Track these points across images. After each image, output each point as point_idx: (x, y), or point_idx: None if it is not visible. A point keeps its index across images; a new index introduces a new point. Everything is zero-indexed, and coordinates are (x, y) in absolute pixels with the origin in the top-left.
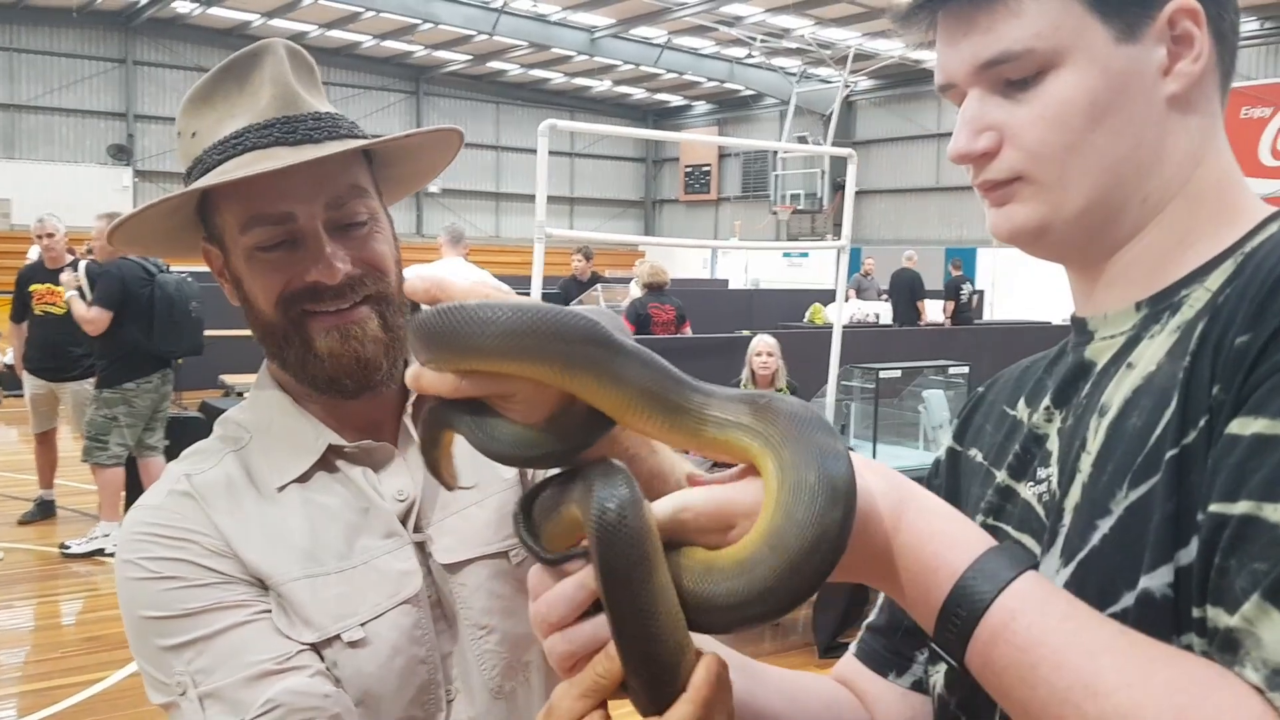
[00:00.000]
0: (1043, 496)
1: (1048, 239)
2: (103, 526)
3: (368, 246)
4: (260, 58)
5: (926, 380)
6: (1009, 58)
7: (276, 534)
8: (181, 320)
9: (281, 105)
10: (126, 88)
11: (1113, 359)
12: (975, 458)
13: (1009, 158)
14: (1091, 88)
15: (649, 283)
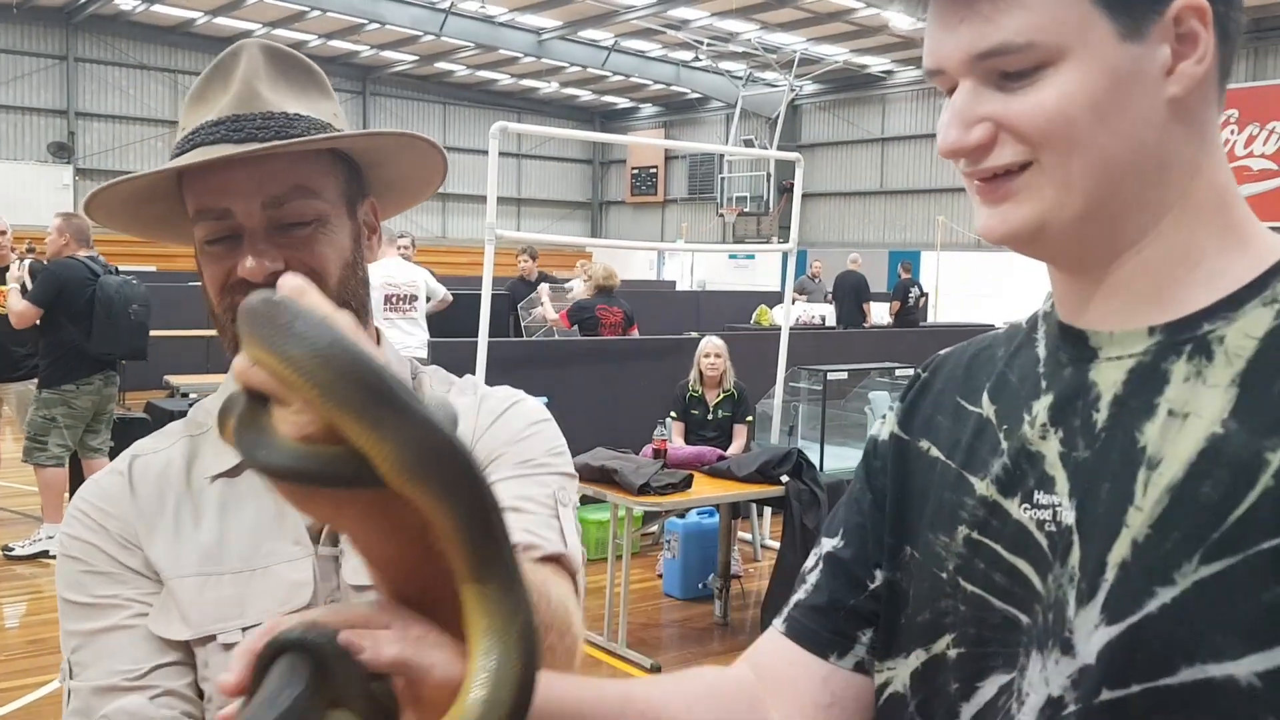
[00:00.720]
0: (1044, 525)
1: (1043, 242)
2: (46, 529)
3: (306, 248)
4: (237, 57)
5: (873, 382)
6: (1008, 50)
7: (188, 527)
8: (120, 322)
9: (238, 104)
10: (67, 85)
11: (1129, 388)
12: (929, 451)
13: (1006, 150)
14: (1093, 86)
15: (601, 284)
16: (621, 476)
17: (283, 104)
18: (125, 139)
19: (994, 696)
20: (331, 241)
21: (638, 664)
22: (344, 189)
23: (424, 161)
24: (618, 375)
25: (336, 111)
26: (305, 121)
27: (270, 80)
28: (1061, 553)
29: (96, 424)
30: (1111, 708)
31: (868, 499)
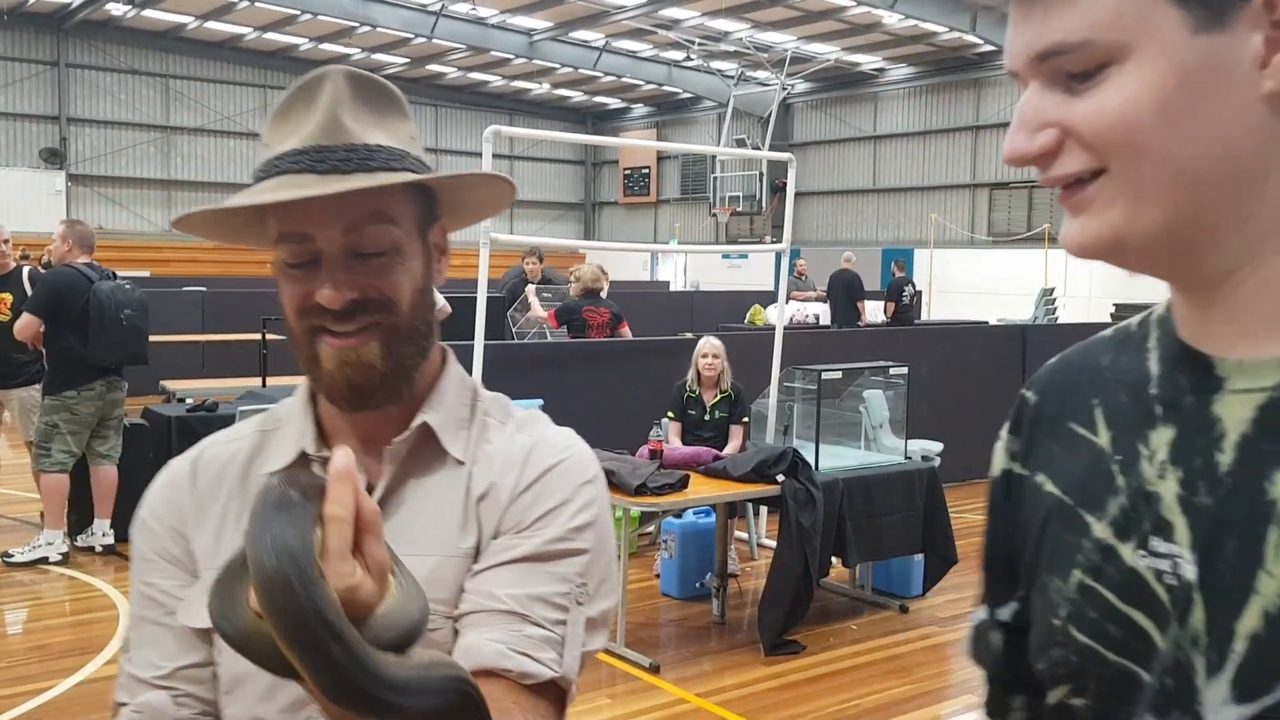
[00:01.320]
0: (1163, 576)
1: (1128, 257)
2: (46, 535)
3: (381, 275)
4: (322, 83)
5: (867, 381)
6: (1064, 50)
7: (231, 522)
8: (112, 327)
9: (322, 134)
10: (59, 90)
11: (1260, 428)
12: (1044, 486)
13: (1073, 157)
14: (1160, 86)
15: (588, 287)
16: (618, 478)
17: (364, 133)
18: (117, 144)
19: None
20: (405, 269)
21: (636, 663)
22: (418, 216)
23: (494, 190)
24: (613, 377)
25: (413, 134)
26: (385, 153)
27: (353, 108)
28: (1182, 610)
29: (104, 430)
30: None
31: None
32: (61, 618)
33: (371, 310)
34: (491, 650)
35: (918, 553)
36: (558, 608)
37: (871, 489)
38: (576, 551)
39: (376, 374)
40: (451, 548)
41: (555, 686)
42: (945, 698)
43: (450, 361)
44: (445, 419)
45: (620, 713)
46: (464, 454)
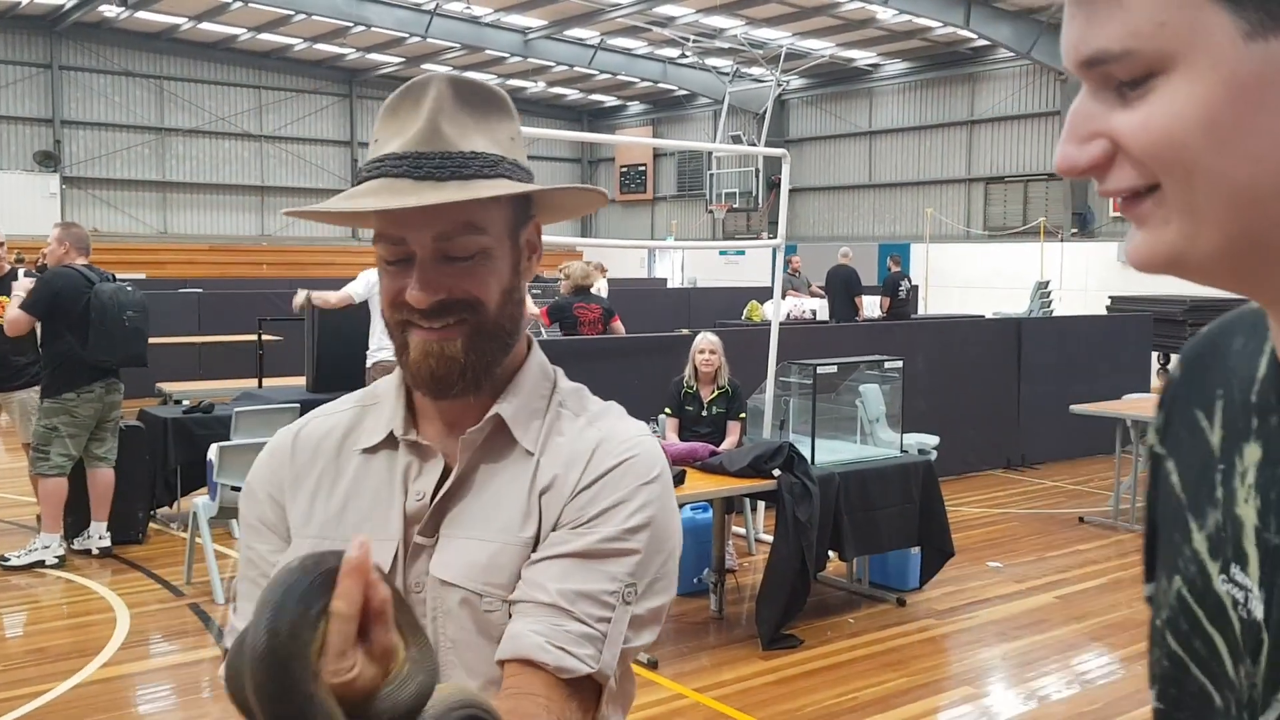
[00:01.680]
0: (1237, 606)
1: (1192, 274)
2: (43, 538)
3: (468, 278)
4: (428, 88)
5: (863, 375)
6: (1106, 58)
7: (324, 492)
8: (114, 329)
9: (421, 140)
10: (52, 93)
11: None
12: (1172, 475)
13: (1124, 173)
14: (1208, 100)
15: (578, 284)
16: None
17: (462, 139)
18: (112, 146)
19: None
20: (493, 271)
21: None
22: (509, 220)
23: (587, 194)
24: (610, 373)
25: (514, 134)
26: (480, 160)
27: (454, 114)
28: (1252, 647)
29: (101, 432)
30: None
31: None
32: (59, 620)
33: (458, 310)
34: (532, 642)
35: (914, 546)
36: (604, 605)
37: (867, 483)
38: (629, 551)
39: (458, 366)
40: (512, 535)
41: (591, 681)
42: (942, 690)
43: (534, 352)
44: (519, 410)
45: None
46: (534, 445)
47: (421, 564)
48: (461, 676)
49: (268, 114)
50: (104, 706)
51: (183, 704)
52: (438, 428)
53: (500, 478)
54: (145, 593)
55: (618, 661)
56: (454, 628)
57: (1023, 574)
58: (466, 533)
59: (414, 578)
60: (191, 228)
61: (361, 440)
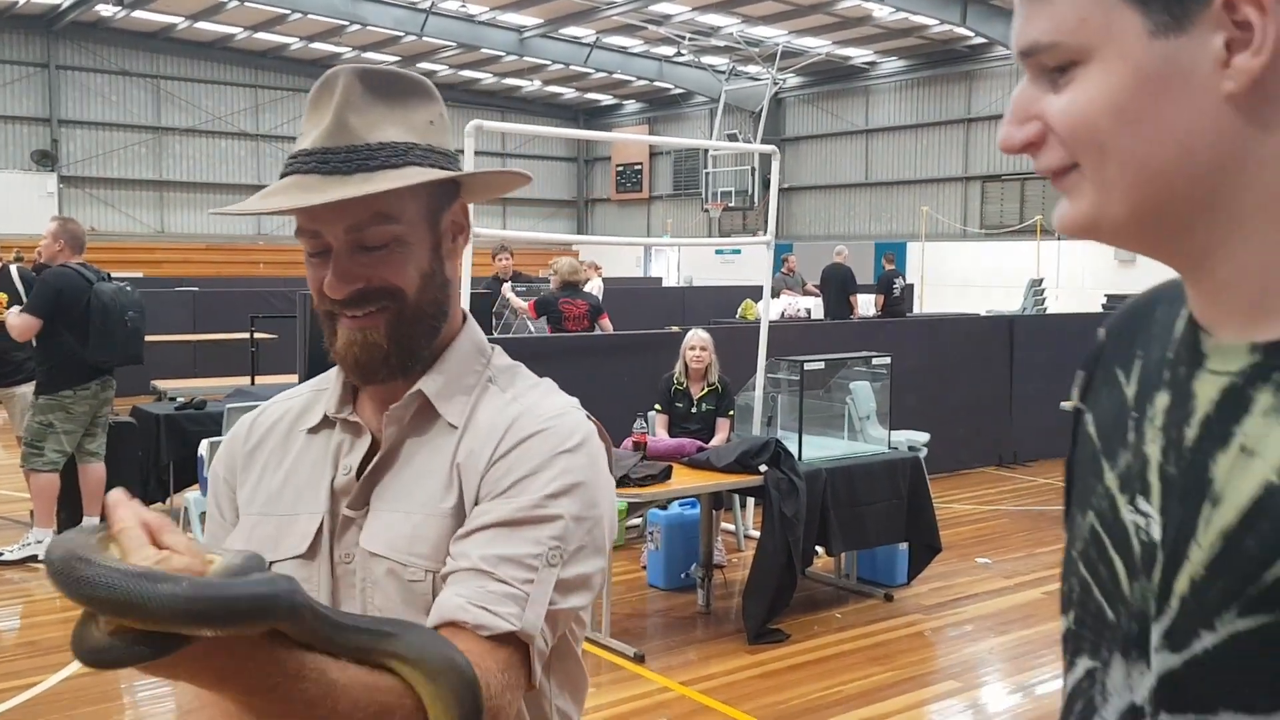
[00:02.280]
0: (1139, 531)
1: (1106, 238)
2: (35, 533)
3: (384, 266)
4: (334, 84)
5: (854, 373)
6: (1038, 49)
7: (269, 472)
8: (116, 330)
9: (328, 136)
10: (50, 92)
11: (1218, 410)
12: (1089, 426)
13: (1053, 151)
14: (1116, 88)
15: (565, 280)
16: None
17: (369, 131)
18: (109, 145)
19: (1082, 677)
20: (409, 258)
21: (621, 652)
22: (426, 205)
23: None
24: (599, 370)
25: (433, 119)
26: (388, 150)
27: (362, 106)
28: (1147, 565)
29: (93, 428)
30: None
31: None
32: (51, 614)
33: (378, 297)
34: (453, 604)
35: (901, 541)
36: (526, 567)
37: (855, 479)
38: (551, 517)
39: (381, 353)
40: (433, 507)
41: (517, 641)
42: (928, 684)
43: (466, 330)
44: (444, 386)
45: (604, 701)
46: (458, 419)
47: (351, 536)
48: None
49: (264, 113)
50: (95, 699)
51: (172, 695)
52: (374, 406)
53: (424, 451)
54: None
55: (549, 626)
56: (381, 597)
57: (1011, 570)
58: (392, 506)
59: (344, 549)
60: (188, 227)
61: (307, 422)
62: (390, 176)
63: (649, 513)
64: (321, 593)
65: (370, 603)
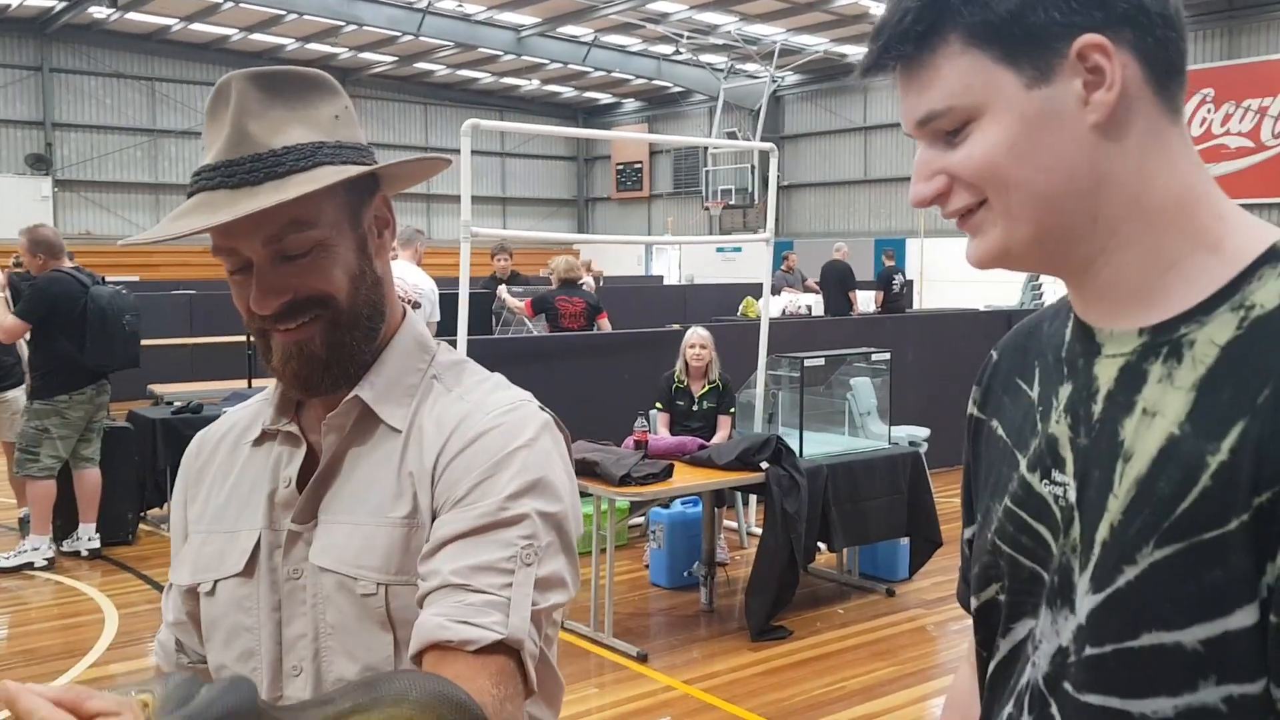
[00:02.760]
0: (1058, 499)
1: (1014, 262)
2: (31, 540)
3: (310, 274)
4: (227, 94)
5: (855, 369)
6: (935, 116)
7: (216, 487)
8: (115, 333)
9: (229, 148)
10: (43, 95)
11: (1119, 385)
12: (997, 430)
13: (960, 195)
14: (1009, 134)
15: (562, 277)
16: (602, 468)
17: (272, 135)
18: (103, 149)
19: (1024, 637)
20: (335, 261)
21: (624, 652)
22: (344, 204)
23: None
24: (600, 369)
25: (337, 113)
26: (295, 153)
27: (259, 111)
28: (1066, 525)
29: (88, 434)
30: (1095, 662)
31: (964, 474)
32: (48, 622)
33: (309, 307)
34: (432, 625)
35: (902, 536)
36: (502, 572)
37: (856, 474)
38: (518, 519)
39: (320, 364)
40: (382, 516)
41: (507, 649)
42: (930, 678)
43: (404, 327)
44: (384, 389)
45: (608, 700)
46: (401, 423)
47: (300, 551)
48: (343, 663)
49: None
50: None
51: None
52: (316, 413)
53: (369, 459)
54: (134, 593)
55: (535, 627)
56: (333, 612)
57: None
58: (340, 517)
59: (292, 564)
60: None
61: (252, 433)
62: (301, 180)
63: (651, 511)
64: (262, 611)
65: (322, 619)
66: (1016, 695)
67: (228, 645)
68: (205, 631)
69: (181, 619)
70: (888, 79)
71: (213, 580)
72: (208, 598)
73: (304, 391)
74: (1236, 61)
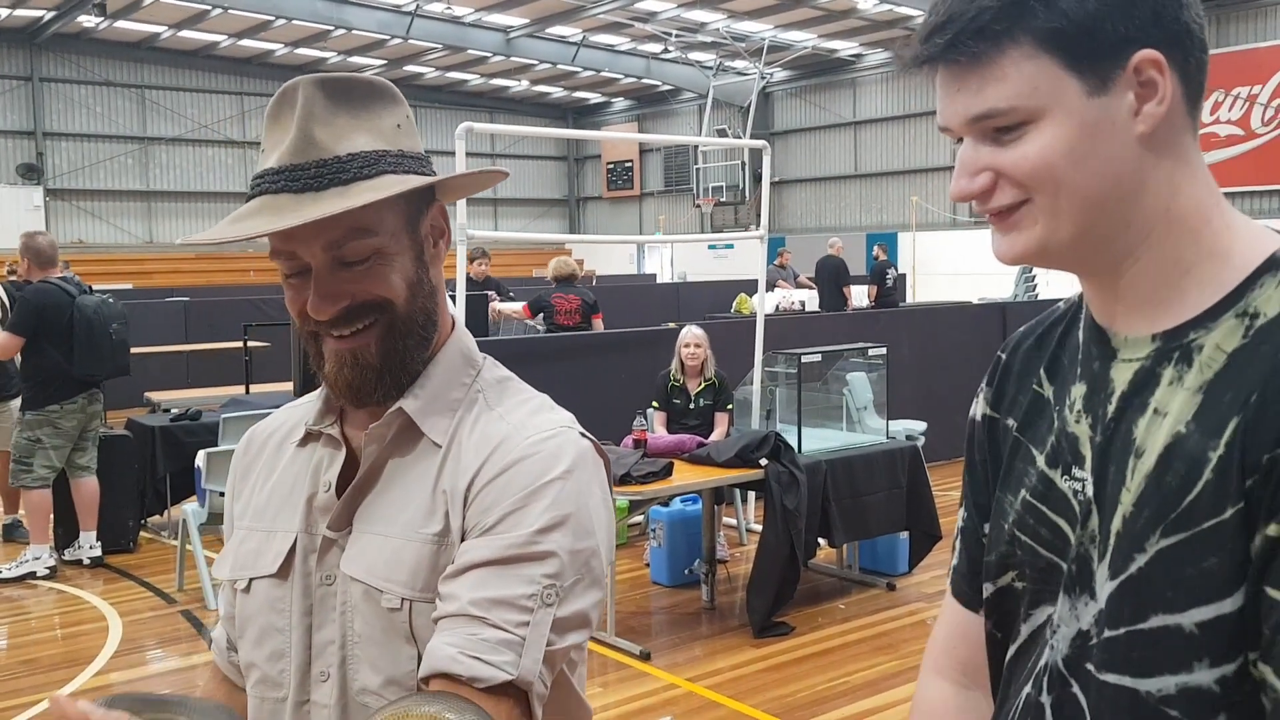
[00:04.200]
0: (1077, 494)
1: (1048, 260)
2: (33, 550)
3: (369, 280)
4: (295, 95)
5: (851, 364)
6: (995, 115)
7: (259, 484)
8: (102, 343)
9: (295, 152)
10: (34, 105)
11: (1133, 387)
12: (1012, 428)
13: (1005, 193)
14: (1068, 138)
15: (555, 275)
16: None
17: (337, 142)
18: (95, 157)
19: (1044, 622)
20: (393, 268)
21: (627, 651)
22: (403, 213)
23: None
24: (596, 368)
25: (399, 122)
26: (359, 160)
27: (326, 117)
28: (1084, 518)
29: (83, 442)
30: (1111, 643)
31: (969, 471)
32: (50, 631)
33: (367, 313)
34: (445, 655)
35: (902, 530)
36: (521, 609)
37: (854, 469)
38: (544, 555)
39: (374, 373)
40: (413, 532)
41: (515, 689)
42: None
43: (453, 340)
44: (428, 402)
45: (611, 700)
46: (442, 438)
47: (333, 557)
48: (368, 673)
49: (250, 120)
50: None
51: None
52: (361, 418)
53: (409, 473)
54: (137, 600)
55: (547, 668)
56: (360, 622)
57: None
58: (373, 528)
59: (326, 570)
60: (177, 236)
61: (299, 433)
62: (365, 189)
63: (651, 510)
64: (294, 614)
65: (350, 627)
66: (1035, 677)
67: (259, 644)
68: (239, 628)
69: (231, 613)
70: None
71: (248, 578)
72: (243, 595)
73: (354, 401)
74: (1226, 49)
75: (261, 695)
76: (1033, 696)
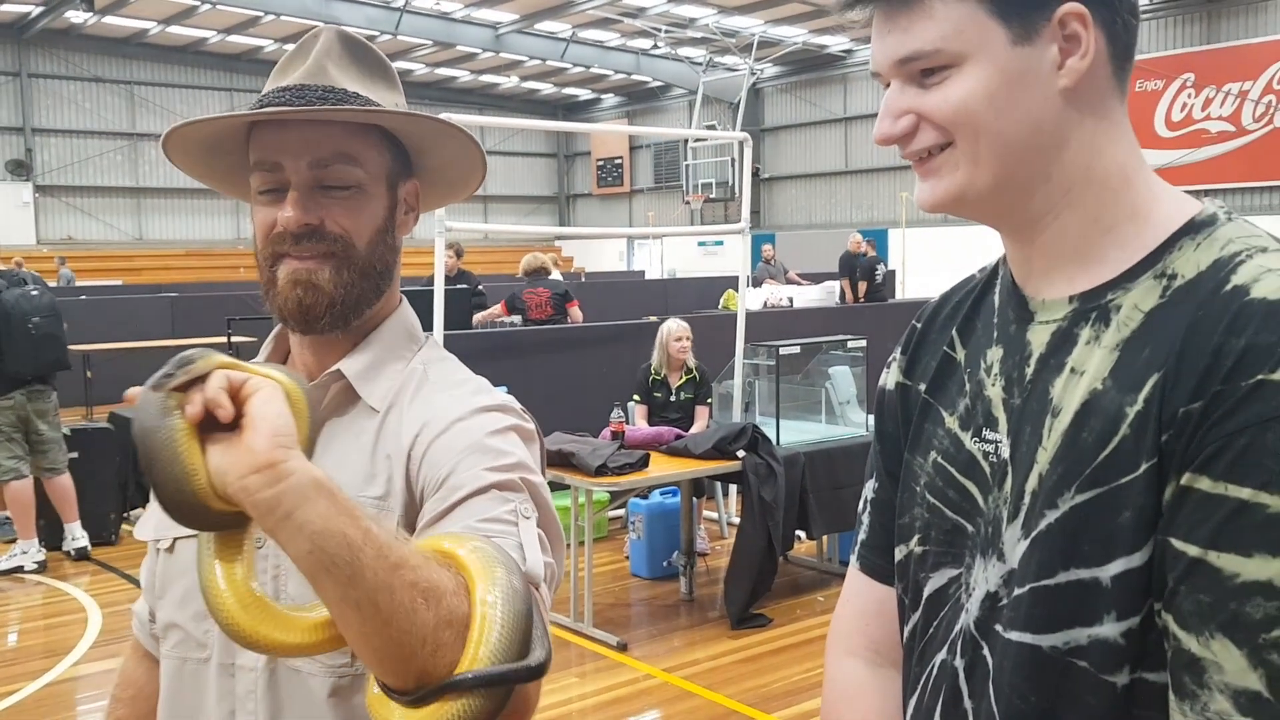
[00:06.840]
0: (988, 455)
1: (967, 208)
2: (20, 544)
3: (340, 208)
4: (317, 38)
5: (832, 357)
6: (920, 56)
7: None
8: (20, 339)
9: (306, 76)
10: (22, 101)
11: (1050, 349)
12: (921, 390)
13: (926, 135)
14: (990, 84)
15: (524, 270)
16: (578, 459)
17: (346, 82)
18: (84, 153)
19: (945, 584)
20: (366, 208)
21: (604, 642)
22: (387, 165)
23: (464, 154)
24: (576, 361)
25: (399, 102)
26: (362, 100)
27: (340, 62)
28: (999, 480)
29: (43, 445)
30: (1018, 601)
31: (880, 441)
32: (30, 623)
33: (329, 240)
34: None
35: None
36: (506, 522)
37: (834, 461)
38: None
39: (325, 297)
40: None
41: None
42: None
43: (398, 313)
44: (366, 368)
45: (588, 689)
46: (380, 403)
47: None
48: None
49: None
50: (72, 704)
51: None
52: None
53: (345, 434)
54: (118, 592)
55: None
56: (294, 585)
57: None
58: None
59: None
60: (167, 233)
61: None
62: (362, 115)
63: (630, 502)
64: None
65: (283, 590)
66: (950, 642)
67: (183, 605)
68: (160, 589)
69: (152, 582)
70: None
71: (172, 538)
72: (166, 555)
73: (303, 325)
74: (1217, 46)
75: (183, 656)
76: (947, 661)
